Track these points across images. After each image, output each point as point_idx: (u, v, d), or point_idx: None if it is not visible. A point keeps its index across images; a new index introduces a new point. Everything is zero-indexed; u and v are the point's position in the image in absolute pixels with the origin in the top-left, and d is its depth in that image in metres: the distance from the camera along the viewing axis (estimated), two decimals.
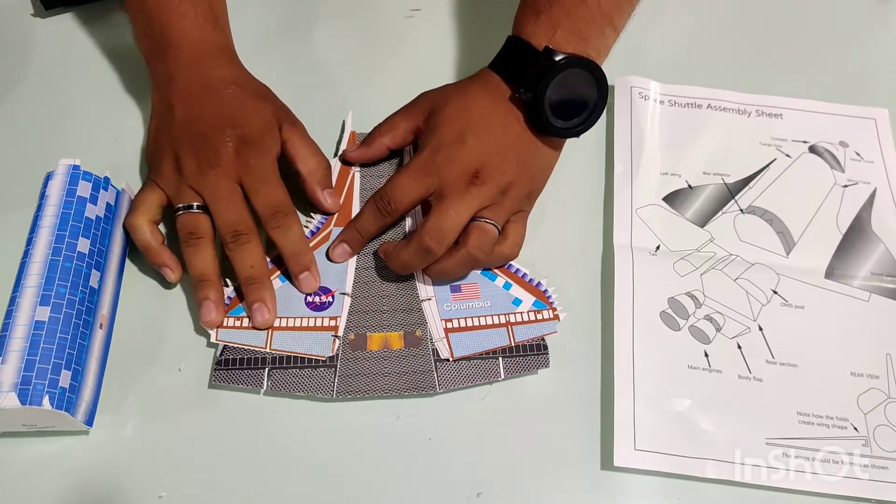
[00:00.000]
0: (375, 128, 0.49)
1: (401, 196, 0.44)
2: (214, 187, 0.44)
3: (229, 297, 0.44)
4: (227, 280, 0.45)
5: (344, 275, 0.46)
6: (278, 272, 0.46)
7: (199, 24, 0.48)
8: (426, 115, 0.47)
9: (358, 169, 0.50)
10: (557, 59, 0.44)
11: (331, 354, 0.43)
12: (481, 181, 0.44)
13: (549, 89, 0.44)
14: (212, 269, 0.44)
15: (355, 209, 0.48)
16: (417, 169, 0.44)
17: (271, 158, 0.46)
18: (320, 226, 0.48)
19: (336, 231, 0.47)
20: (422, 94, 0.49)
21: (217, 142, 0.44)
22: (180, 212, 0.45)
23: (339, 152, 0.50)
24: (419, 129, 0.48)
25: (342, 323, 0.44)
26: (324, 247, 0.47)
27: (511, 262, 0.47)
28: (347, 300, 0.45)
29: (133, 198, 0.46)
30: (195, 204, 0.44)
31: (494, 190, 0.44)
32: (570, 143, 0.53)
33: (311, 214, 0.48)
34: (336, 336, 0.44)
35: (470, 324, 0.45)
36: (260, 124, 0.46)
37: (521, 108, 0.46)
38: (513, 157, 0.45)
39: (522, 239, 0.47)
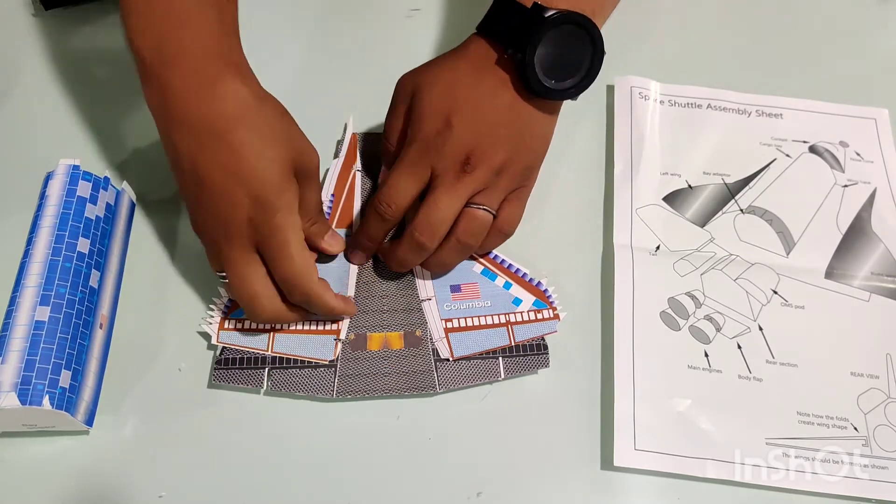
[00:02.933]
0: (383, 143, 0.47)
1: (397, 197, 0.43)
2: (229, 261, 0.40)
3: (230, 300, 0.44)
4: None
5: (345, 278, 0.46)
6: None
7: (203, 34, 0.39)
8: (409, 103, 0.44)
9: (359, 168, 0.50)
10: (548, 14, 0.41)
11: (332, 358, 0.43)
12: (472, 167, 0.42)
13: (538, 47, 0.41)
14: (284, 309, 0.42)
15: (357, 209, 0.48)
16: (408, 165, 0.43)
17: (288, 220, 0.40)
18: None
19: (338, 232, 0.47)
20: (400, 81, 0.46)
21: (227, 209, 0.39)
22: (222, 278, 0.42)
23: (340, 152, 0.50)
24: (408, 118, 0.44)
25: (344, 326, 0.44)
26: None
27: (511, 262, 0.47)
28: None
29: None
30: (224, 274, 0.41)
31: (487, 173, 0.42)
32: (571, 143, 0.53)
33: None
34: (338, 339, 0.44)
35: (470, 323, 0.45)
36: (274, 179, 0.39)
37: (510, 73, 0.43)
38: (504, 133, 0.43)
39: (519, 217, 0.46)
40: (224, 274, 0.41)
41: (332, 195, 0.49)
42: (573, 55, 0.43)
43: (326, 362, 0.43)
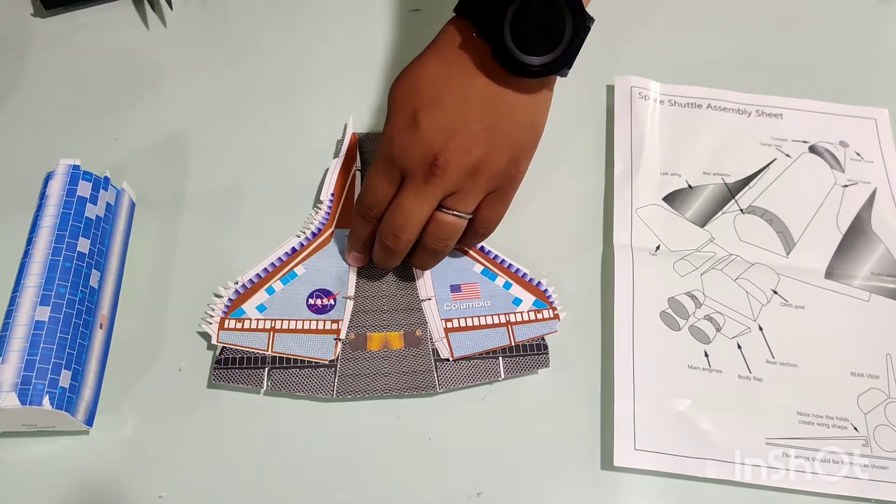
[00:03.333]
0: None
1: (374, 199, 0.42)
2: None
3: (230, 300, 0.44)
4: (229, 282, 0.45)
5: (346, 277, 0.46)
6: (278, 275, 0.46)
7: None
8: (389, 98, 0.42)
9: (359, 168, 0.50)
10: None
11: (332, 358, 0.43)
12: (441, 169, 0.39)
13: (508, 17, 0.37)
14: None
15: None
16: (379, 167, 0.41)
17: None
18: (321, 227, 0.48)
19: (338, 232, 0.47)
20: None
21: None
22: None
23: (340, 152, 0.50)
24: None
25: (344, 326, 0.44)
26: (325, 248, 0.47)
27: (511, 262, 0.47)
28: (350, 303, 0.45)
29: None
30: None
31: (458, 174, 0.39)
32: (571, 143, 0.53)
33: (312, 218, 0.48)
34: (338, 339, 0.44)
35: (470, 323, 0.45)
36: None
37: (483, 56, 0.39)
38: (478, 127, 0.39)
39: (499, 218, 0.43)
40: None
41: (332, 195, 0.49)
42: (550, 28, 0.38)
43: (326, 362, 0.43)
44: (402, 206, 0.40)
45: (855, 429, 0.43)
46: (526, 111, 0.40)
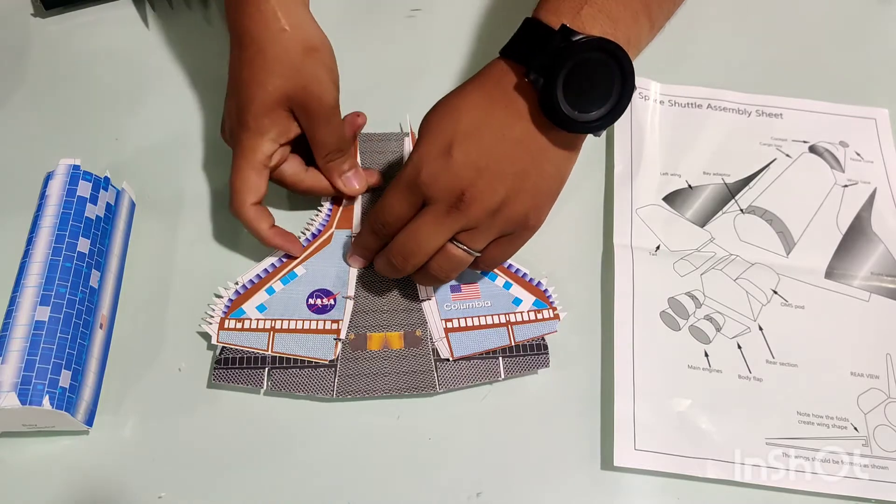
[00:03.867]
0: None
1: (390, 218, 0.41)
2: (239, 152, 0.44)
3: (230, 300, 0.44)
4: (229, 282, 0.45)
5: (346, 277, 0.46)
6: (278, 275, 0.46)
7: None
8: (424, 121, 0.42)
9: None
10: (576, 38, 0.37)
11: (332, 358, 0.43)
12: (465, 205, 0.38)
13: (563, 72, 0.37)
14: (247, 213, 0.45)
15: (357, 212, 0.48)
16: (402, 187, 0.40)
17: (251, 141, 0.43)
18: (322, 227, 0.48)
19: (338, 233, 0.47)
20: None
21: (230, 106, 0.45)
22: None
23: None
24: None
25: (344, 326, 0.44)
26: (325, 249, 0.47)
27: (511, 262, 0.47)
28: (350, 303, 0.45)
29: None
30: None
31: (481, 213, 0.39)
32: None
33: (312, 218, 0.48)
34: (338, 339, 0.44)
35: (470, 323, 0.45)
36: (255, 103, 0.43)
37: (528, 101, 0.39)
38: (509, 170, 0.39)
39: (503, 260, 0.43)
40: None
41: (333, 197, 0.49)
42: (600, 86, 0.38)
43: (326, 362, 0.43)
44: (420, 232, 0.40)
45: (855, 429, 0.43)
46: (556, 162, 0.41)
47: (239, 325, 0.44)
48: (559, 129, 0.39)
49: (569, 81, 0.38)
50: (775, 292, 0.48)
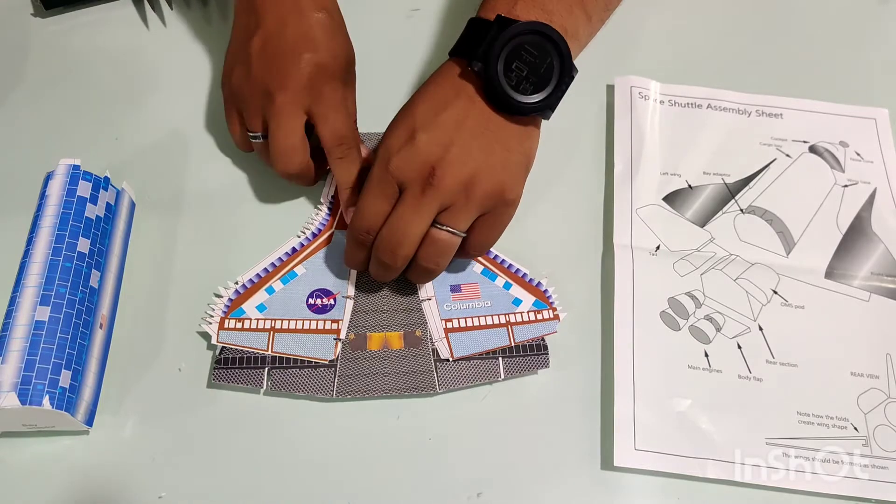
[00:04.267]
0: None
1: (370, 220, 0.41)
2: (277, 112, 0.44)
3: (230, 300, 0.44)
4: (229, 282, 0.45)
5: (346, 277, 0.46)
6: (278, 275, 0.46)
7: None
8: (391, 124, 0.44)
9: None
10: (511, 25, 0.40)
11: (332, 358, 0.43)
12: (438, 179, 0.39)
13: (501, 57, 0.40)
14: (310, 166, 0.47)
15: None
16: (374, 185, 0.41)
17: (345, 91, 0.46)
18: (322, 227, 0.48)
19: (338, 233, 0.47)
20: None
21: (291, 65, 0.44)
22: (253, 139, 0.47)
23: None
24: None
25: (344, 326, 0.44)
26: (325, 248, 0.47)
27: (511, 263, 0.47)
28: (350, 303, 0.45)
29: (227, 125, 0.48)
30: (259, 133, 0.46)
31: (455, 186, 0.40)
32: (571, 143, 0.53)
33: (312, 218, 0.48)
34: (338, 339, 0.44)
35: (470, 324, 0.45)
36: (342, 55, 0.46)
37: (478, 90, 0.41)
38: (474, 145, 0.40)
39: (491, 243, 0.43)
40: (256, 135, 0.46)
41: (333, 197, 0.49)
42: (540, 70, 0.41)
43: (326, 362, 0.43)
44: (401, 220, 0.40)
45: (855, 429, 0.43)
46: (517, 140, 0.42)
47: (239, 325, 0.44)
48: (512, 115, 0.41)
49: (510, 67, 0.40)
50: (775, 292, 0.48)
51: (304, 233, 0.48)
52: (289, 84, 0.44)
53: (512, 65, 0.40)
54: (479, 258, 0.47)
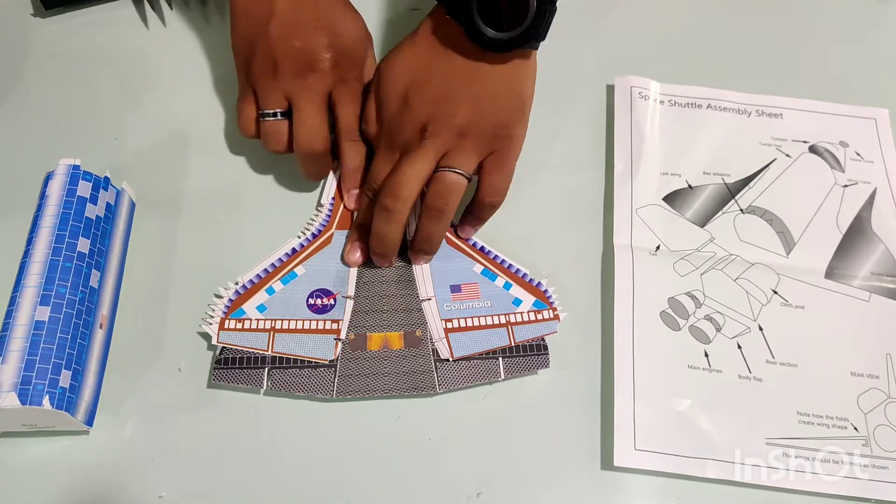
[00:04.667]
0: (363, 127, 0.48)
1: (375, 177, 0.45)
2: (307, 89, 0.45)
3: (230, 300, 0.44)
4: (229, 282, 0.45)
5: (346, 277, 0.46)
6: (278, 275, 0.46)
7: None
8: (376, 87, 0.46)
9: None
10: None
11: (332, 358, 0.43)
12: (431, 133, 0.42)
13: None
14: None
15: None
16: (383, 151, 0.45)
17: (363, 75, 0.48)
18: (322, 228, 0.48)
19: (338, 234, 0.47)
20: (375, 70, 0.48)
21: (317, 47, 0.45)
22: (267, 118, 0.47)
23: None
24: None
25: (344, 326, 0.44)
26: (325, 249, 0.47)
27: (511, 263, 0.47)
28: (350, 303, 0.45)
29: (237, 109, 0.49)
30: (279, 111, 0.46)
31: (448, 135, 0.43)
32: (571, 143, 0.53)
33: (312, 218, 0.48)
34: (338, 339, 0.44)
35: (470, 324, 0.45)
36: (359, 37, 0.47)
37: (460, 36, 0.42)
38: (462, 96, 0.43)
39: (504, 183, 0.45)
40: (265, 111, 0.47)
41: (333, 198, 0.49)
42: (517, 3, 0.41)
43: (326, 362, 0.43)
44: (402, 165, 0.43)
45: (855, 429, 0.43)
46: (506, 80, 0.43)
47: (239, 325, 0.44)
48: (494, 52, 0.42)
49: (485, 6, 0.41)
50: (775, 292, 0.48)
51: (305, 233, 0.48)
52: (318, 66, 0.45)
53: (488, 8, 0.41)
54: (480, 258, 0.47)
